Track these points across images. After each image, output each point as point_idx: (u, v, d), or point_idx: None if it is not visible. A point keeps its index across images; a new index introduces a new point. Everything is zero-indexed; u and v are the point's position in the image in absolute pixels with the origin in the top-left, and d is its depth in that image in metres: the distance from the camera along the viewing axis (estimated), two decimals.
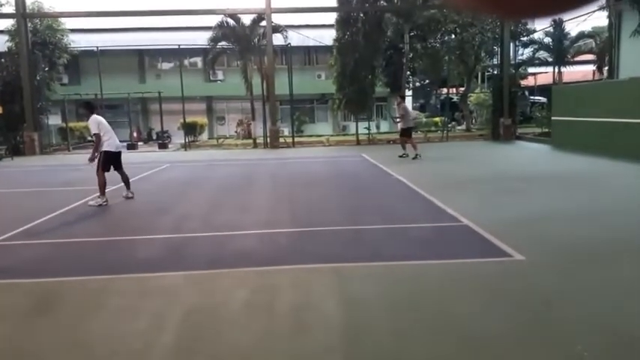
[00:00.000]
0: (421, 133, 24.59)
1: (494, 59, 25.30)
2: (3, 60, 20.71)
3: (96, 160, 8.15)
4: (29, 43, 20.01)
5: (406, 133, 13.76)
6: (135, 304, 3.79)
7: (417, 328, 3.29)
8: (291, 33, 21.98)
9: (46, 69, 22.63)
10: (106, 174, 8.14)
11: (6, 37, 22.56)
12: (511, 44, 21.61)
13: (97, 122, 8.10)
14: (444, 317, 3.42)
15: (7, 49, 22.09)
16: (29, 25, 20.53)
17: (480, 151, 16.28)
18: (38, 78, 21.07)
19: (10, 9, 21.17)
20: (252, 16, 21.38)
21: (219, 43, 22.42)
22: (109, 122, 8.54)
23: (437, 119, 27.70)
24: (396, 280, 4.17)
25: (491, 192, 8.18)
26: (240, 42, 21.69)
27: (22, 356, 3.03)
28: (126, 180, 8.59)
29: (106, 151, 8.14)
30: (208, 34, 22.17)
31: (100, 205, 7.87)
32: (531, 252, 4.74)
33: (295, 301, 3.75)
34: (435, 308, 3.59)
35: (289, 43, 21.73)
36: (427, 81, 29.65)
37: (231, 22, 21.57)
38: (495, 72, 23.80)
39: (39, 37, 22.11)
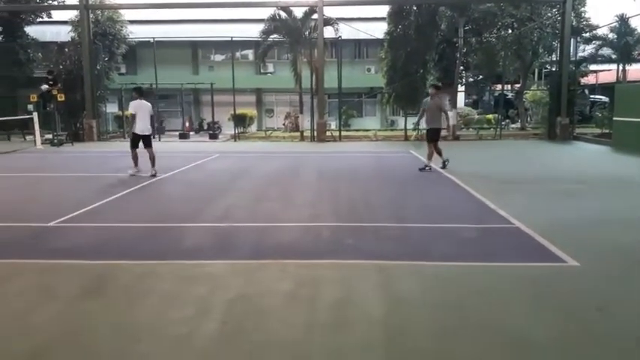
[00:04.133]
0: (473, 130, 24.00)
1: (553, 55, 24.26)
2: (66, 50, 21.71)
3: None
4: (91, 33, 20.88)
5: (435, 136, 10.93)
6: (181, 290, 3.88)
7: (462, 330, 3.19)
8: (342, 26, 21.86)
9: (106, 59, 23.56)
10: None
11: (69, 28, 23.61)
12: (572, 40, 20.60)
13: (135, 105, 9.78)
14: (490, 321, 3.30)
15: (70, 39, 23.12)
16: (91, 16, 21.40)
17: (535, 150, 15.68)
18: (98, 67, 21.98)
19: (74, 1, 22.13)
20: (304, 9, 21.40)
21: (271, 36, 22.60)
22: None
23: (490, 116, 26.91)
24: (441, 281, 4.07)
25: (546, 194, 7.85)
26: (292, 35, 21.77)
27: (74, 335, 3.16)
28: (152, 158, 9.91)
29: (134, 132, 9.87)
30: (260, 27, 22.38)
31: (133, 175, 9.69)
32: (586, 258, 4.51)
33: (337, 296, 3.72)
34: (482, 311, 3.47)
35: (340, 36, 21.63)
36: (481, 76, 28.79)
37: (283, 14, 21.68)
38: (554, 69, 22.81)
39: (100, 28, 23.01)
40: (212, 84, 23.31)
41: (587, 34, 25.84)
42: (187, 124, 25.53)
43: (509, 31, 24.15)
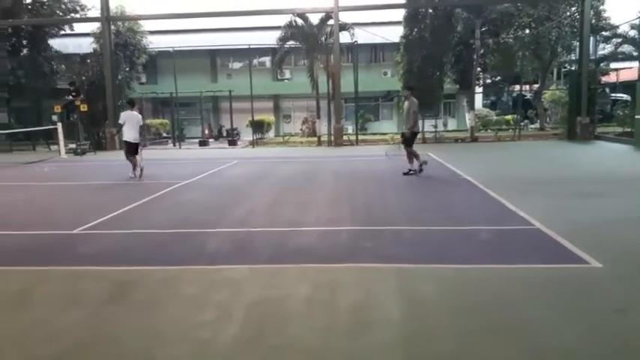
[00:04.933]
0: (492, 131, 23.78)
1: (572, 54, 23.92)
2: (89, 61, 22.19)
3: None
4: (112, 44, 21.32)
5: (411, 140, 10.55)
6: (203, 294, 3.95)
7: (483, 333, 3.18)
8: (357, 31, 21.93)
9: (127, 69, 24.01)
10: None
11: (91, 40, 24.14)
12: (591, 38, 20.30)
13: (124, 116, 10.82)
14: (511, 324, 3.29)
15: (92, 51, 23.63)
16: (112, 27, 21.86)
17: (555, 150, 15.48)
18: (119, 77, 22.42)
19: (96, 13, 22.64)
20: (320, 15, 21.53)
21: (287, 43, 22.78)
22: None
23: (508, 117, 26.64)
24: (461, 284, 4.05)
25: (567, 194, 7.75)
26: (308, 41, 21.92)
27: (100, 339, 3.24)
28: (137, 165, 10.79)
29: (125, 141, 10.81)
30: (277, 34, 22.59)
31: (131, 177, 10.71)
32: (609, 259, 4.44)
33: (356, 300, 3.75)
34: (503, 314, 3.45)
35: (356, 41, 21.68)
36: (499, 77, 28.52)
37: (299, 21, 21.85)
38: (573, 68, 22.49)
39: (120, 39, 23.49)
40: (230, 91, 23.58)
41: (607, 32, 25.39)
42: (207, 132, 25.85)
43: (527, 30, 23.89)
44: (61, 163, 15.73)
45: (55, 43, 25.96)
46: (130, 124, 10.72)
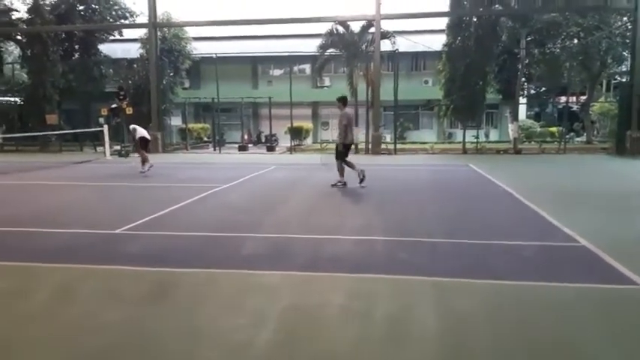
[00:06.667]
0: (535, 143, 23.14)
1: (623, 65, 23.04)
2: (135, 66, 22.94)
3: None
4: (158, 50, 21.98)
5: (344, 154, 10.25)
6: (237, 298, 3.98)
7: (523, 352, 3.06)
8: (399, 39, 21.81)
9: (171, 74, 24.70)
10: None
11: (138, 46, 24.98)
12: None
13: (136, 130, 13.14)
14: (553, 345, 3.15)
15: (139, 56, 24.43)
16: (159, 34, 22.55)
17: (603, 165, 14.90)
18: (164, 82, 23.07)
19: (144, 20, 23.42)
20: (361, 23, 21.55)
21: (328, 50, 22.89)
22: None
23: (553, 129, 25.86)
24: (501, 300, 3.93)
25: (614, 211, 7.43)
26: (348, 48, 21.96)
27: (140, 338, 3.31)
28: (147, 159, 13.01)
29: (143, 137, 13.06)
30: (317, 42, 22.73)
31: (142, 172, 12.62)
32: None
33: (391, 311, 3.68)
34: (545, 334, 3.31)
35: (397, 49, 21.58)
36: (544, 88, 27.76)
37: (340, 29, 21.92)
38: (624, 79, 21.64)
39: (166, 45, 24.21)
40: (270, 98, 23.86)
41: None
42: (246, 137, 26.22)
43: (575, 40, 23.19)
44: (106, 164, 16.28)
45: (105, 48, 27.00)
46: (143, 131, 13.17)
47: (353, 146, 21.38)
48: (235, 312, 3.69)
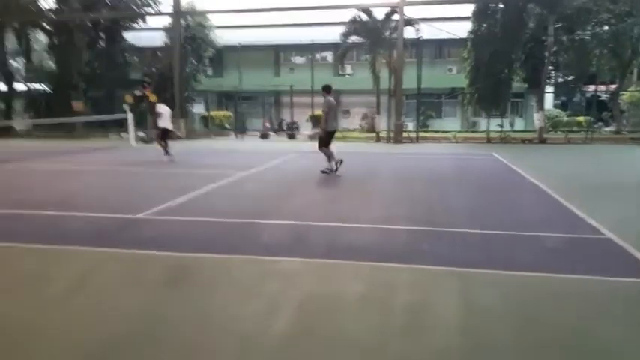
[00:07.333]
0: (561, 133, 22.63)
1: None
2: (159, 54, 23.14)
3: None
4: (181, 38, 22.11)
5: (325, 141, 10.36)
6: (255, 285, 3.99)
7: (548, 347, 2.99)
8: (423, 26, 21.48)
9: (194, 62, 24.83)
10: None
11: (162, 34, 25.16)
12: None
13: (163, 107, 13.23)
14: (580, 339, 3.07)
15: (163, 44, 24.63)
16: (182, 22, 22.67)
17: (631, 156, 14.49)
18: (187, 70, 23.23)
19: (168, 8, 23.57)
20: (384, 10, 21.27)
21: (350, 38, 22.69)
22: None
23: (581, 119, 25.20)
24: (524, 292, 3.85)
25: None
26: (371, 36, 21.71)
27: (155, 321, 3.34)
28: (167, 146, 13.00)
29: (165, 128, 13.06)
30: (339, 29, 22.54)
31: (168, 160, 12.44)
32: None
33: (412, 301, 3.64)
34: (570, 327, 3.23)
35: (421, 37, 21.25)
36: (571, 76, 27.01)
37: (363, 16, 21.68)
38: None
39: (189, 33, 24.31)
40: (291, 86, 23.82)
41: None
42: (267, 125, 26.30)
43: (605, 27, 22.46)
44: (131, 151, 16.52)
45: (130, 37, 27.28)
46: (168, 114, 13.25)
47: (374, 134, 21.31)
48: (251, 299, 3.69)
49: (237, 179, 9.69)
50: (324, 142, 10.33)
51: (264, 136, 23.50)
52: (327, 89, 10.48)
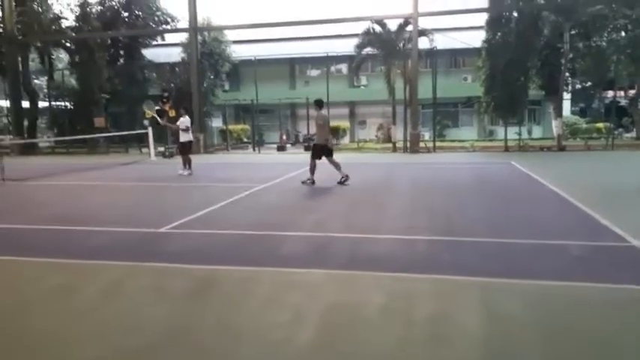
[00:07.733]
0: (581, 140, 22.36)
1: None
2: (177, 69, 23.54)
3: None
4: (198, 53, 22.48)
5: (325, 152, 10.63)
6: (278, 296, 4.03)
7: (574, 357, 2.97)
8: (437, 36, 21.51)
9: (212, 77, 25.19)
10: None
11: (180, 50, 25.61)
12: None
13: (185, 121, 13.32)
14: (605, 349, 3.04)
15: (180, 60, 25.05)
16: (199, 37, 23.05)
17: None
18: (205, 85, 23.56)
19: (184, 24, 24.01)
20: (398, 21, 21.37)
21: (365, 49, 22.82)
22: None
23: (600, 125, 24.87)
24: (548, 301, 3.81)
25: None
26: (385, 47, 21.82)
27: (180, 333, 3.39)
28: (189, 161, 13.12)
29: (189, 141, 13.42)
30: (354, 41, 22.70)
31: (181, 174, 12.71)
32: None
33: (433, 312, 3.64)
34: (595, 337, 3.19)
35: (435, 47, 21.28)
36: (589, 83, 26.71)
37: (377, 28, 21.82)
38: None
39: (206, 48, 24.71)
40: (307, 98, 23.99)
41: None
42: (284, 137, 26.49)
43: (623, 33, 22.22)
44: (151, 165, 16.77)
45: (148, 53, 27.83)
46: (189, 125, 13.36)
47: (391, 144, 21.29)
48: (275, 310, 3.73)
49: (256, 191, 9.78)
50: (317, 154, 10.63)
51: (281, 148, 23.65)
52: (319, 104, 10.83)
